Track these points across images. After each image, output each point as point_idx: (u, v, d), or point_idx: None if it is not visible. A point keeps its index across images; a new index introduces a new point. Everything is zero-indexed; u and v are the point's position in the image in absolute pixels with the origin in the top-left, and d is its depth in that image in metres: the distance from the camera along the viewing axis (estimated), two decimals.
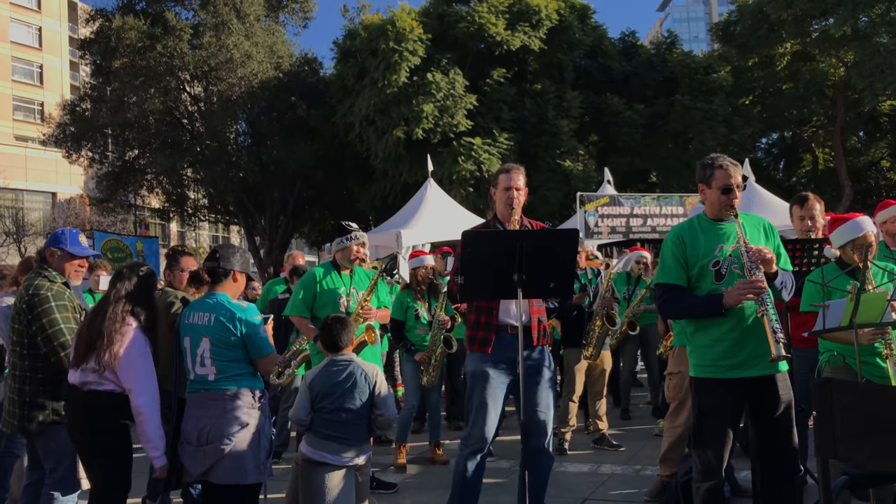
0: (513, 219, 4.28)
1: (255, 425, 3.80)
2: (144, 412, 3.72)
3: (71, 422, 3.86)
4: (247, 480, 3.76)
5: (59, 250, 4.30)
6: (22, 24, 44.80)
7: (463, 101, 22.78)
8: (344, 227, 5.18)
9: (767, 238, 3.75)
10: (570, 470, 6.09)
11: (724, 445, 3.56)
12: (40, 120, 38.68)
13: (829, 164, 31.28)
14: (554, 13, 24.19)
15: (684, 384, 5.01)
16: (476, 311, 4.30)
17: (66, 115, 27.37)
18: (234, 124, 27.41)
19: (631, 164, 25.45)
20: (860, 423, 2.36)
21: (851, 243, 4.21)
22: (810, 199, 4.99)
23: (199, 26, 25.27)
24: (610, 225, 14.14)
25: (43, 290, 4.14)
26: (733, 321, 3.54)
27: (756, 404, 3.62)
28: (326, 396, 3.94)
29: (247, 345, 3.83)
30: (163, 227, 41.39)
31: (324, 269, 5.20)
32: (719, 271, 3.60)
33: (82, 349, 3.78)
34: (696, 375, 3.67)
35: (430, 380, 6.52)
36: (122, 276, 3.94)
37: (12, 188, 34.97)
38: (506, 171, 4.38)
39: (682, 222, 3.89)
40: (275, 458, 6.59)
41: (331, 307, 4.94)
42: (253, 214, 27.55)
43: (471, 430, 4.23)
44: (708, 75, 26.17)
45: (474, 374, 4.26)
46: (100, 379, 3.74)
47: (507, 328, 4.21)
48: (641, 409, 8.72)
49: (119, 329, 3.75)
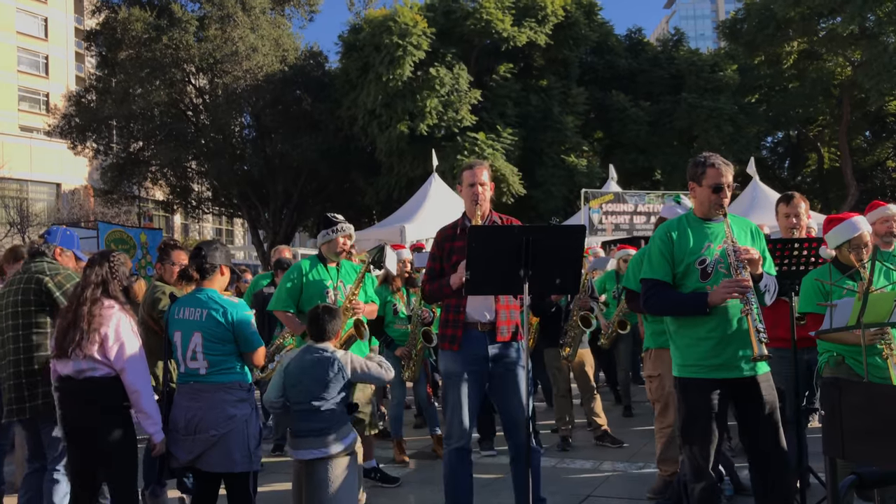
0: (477, 214, 4.24)
1: (243, 416, 3.90)
2: (139, 388, 3.79)
3: (75, 412, 3.85)
4: (235, 469, 3.87)
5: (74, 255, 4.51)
6: (28, 15, 44.81)
7: (468, 96, 22.76)
8: (329, 219, 5.07)
9: (754, 241, 3.75)
10: (573, 467, 6.08)
11: (710, 444, 3.57)
12: (45, 111, 38.68)
13: (835, 163, 31.22)
14: (560, 9, 24.16)
15: (664, 386, 5.00)
16: (445, 309, 4.30)
17: (71, 106, 27.40)
18: (239, 117, 27.43)
19: (635, 162, 25.44)
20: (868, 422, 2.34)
21: (847, 243, 4.20)
22: (796, 197, 4.99)
23: (205, 18, 25.27)
24: (614, 222, 14.13)
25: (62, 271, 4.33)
26: (717, 320, 3.54)
27: (740, 406, 3.64)
28: (299, 383, 3.99)
29: (237, 339, 3.93)
30: (167, 220, 41.47)
31: (310, 261, 5.10)
32: (705, 270, 3.60)
33: (61, 337, 3.82)
34: (680, 375, 3.67)
35: (412, 374, 6.51)
36: (94, 262, 4.00)
37: (17, 178, 34.98)
38: (469, 167, 4.33)
39: (671, 219, 3.89)
40: (276, 451, 6.63)
41: (317, 300, 4.82)
42: (257, 207, 27.58)
43: (449, 429, 4.23)
44: (714, 73, 26.14)
45: (445, 372, 4.28)
46: (94, 364, 3.78)
47: (477, 325, 4.19)
48: (644, 407, 8.69)
49: (98, 312, 3.80)
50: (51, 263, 4.37)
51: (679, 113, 25.45)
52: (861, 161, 31.24)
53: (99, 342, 3.76)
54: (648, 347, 5.15)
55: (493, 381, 4.23)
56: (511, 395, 4.17)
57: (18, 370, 4.21)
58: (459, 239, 4.25)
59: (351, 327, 4.82)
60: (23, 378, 4.20)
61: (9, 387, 4.22)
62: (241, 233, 50.58)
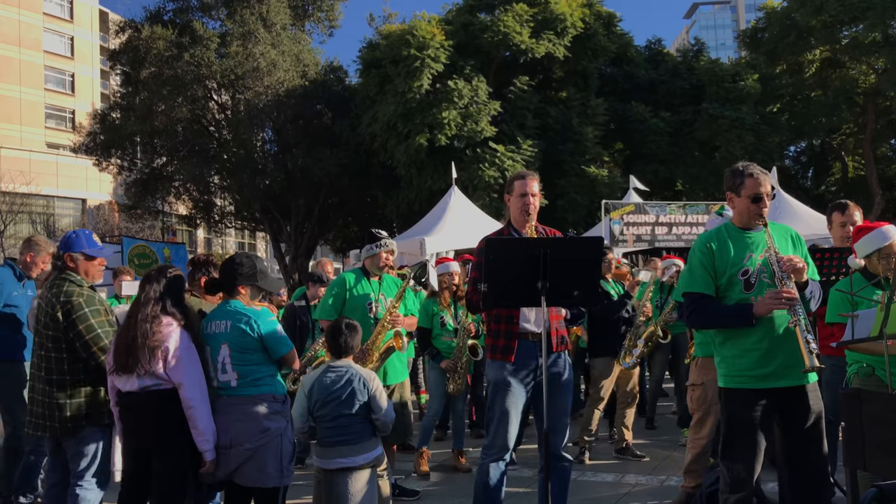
0: (528, 225, 4.25)
1: (277, 429, 3.87)
2: (195, 405, 3.79)
3: (137, 427, 3.89)
4: (269, 483, 3.85)
5: (82, 255, 4.39)
6: (55, 34, 45.63)
7: (487, 108, 22.80)
8: (374, 234, 5.24)
9: (795, 247, 3.70)
10: (594, 480, 6.05)
11: (754, 457, 3.50)
12: (71, 128, 39.32)
13: (860, 172, 30.82)
14: (579, 21, 24.13)
15: (707, 396, 4.95)
16: (496, 319, 4.28)
17: (96, 123, 27.82)
18: (261, 132, 27.67)
19: (656, 172, 25.28)
20: (890, 434, 2.31)
21: (878, 252, 4.14)
22: (850, 206, 4.96)
23: (226, 35, 25.57)
24: (635, 233, 14.06)
25: (74, 296, 4.22)
26: (763, 331, 3.49)
27: (786, 415, 3.57)
28: (325, 405, 4.00)
29: (266, 346, 3.92)
30: (190, 234, 41.86)
31: (354, 275, 5.25)
32: (748, 280, 3.55)
33: (121, 354, 3.84)
34: (726, 386, 3.62)
35: (457, 387, 6.51)
36: (151, 278, 4.02)
37: (44, 194, 35.53)
38: (521, 177, 4.33)
39: (710, 230, 3.84)
40: (298, 464, 6.64)
41: (360, 313, 4.99)
42: (279, 221, 27.76)
43: (493, 439, 4.22)
44: (735, 83, 25.93)
45: (496, 382, 4.24)
46: (158, 381, 3.82)
47: (529, 336, 4.20)
48: (667, 419, 8.63)
49: (155, 328, 3.82)
50: (70, 285, 4.28)
51: (700, 123, 25.28)
52: (886, 169, 30.78)
53: (162, 359, 3.79)
54: (696, 356, 5.11)
55: (536, 391, 4.20)
56: (555, 402, 4.14)
57: (51, 389, 4.21)
58: None
59: (391, 338, 4.93)
60: (53, 396, 4.20)
61: (39, 402, 4.25)
62: (263, 246, 50.88)
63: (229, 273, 4.06)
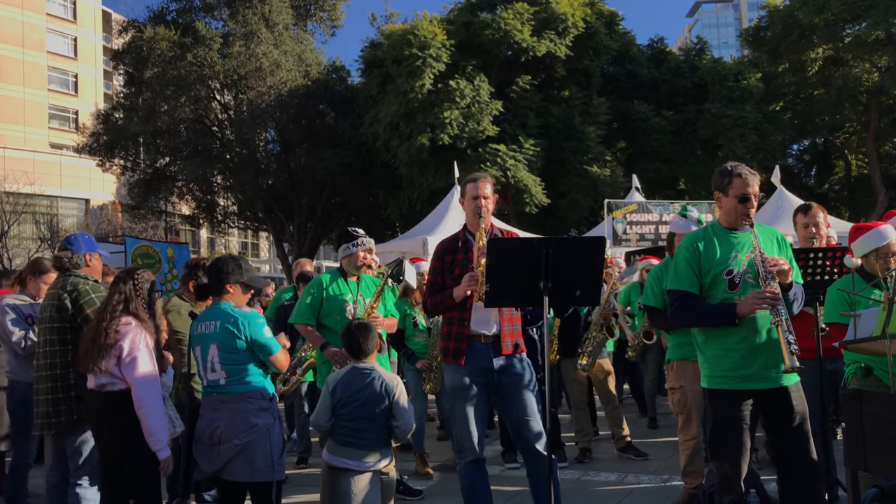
0: (481, 227, 4.22)
1: (265, 425, 3.94)
2: (144, 405, 3.86)
3: (97, 426, 3.95)
4: (258, 478, 3.92)
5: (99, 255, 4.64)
6: (58, 35, 45.68)
7: (489, 107, 22.80)
8: (350, 233, 5.11)
9: (781, 250, 3.72)
10: (597, 480, 6.04)
11: (740, 456, 3.53)
12: (75, 128, 39.39)
13: (863, 170, 30.76)
14: (580, 20, 24.11)
15: (686, 398, 4.97)
16: (448, 321, 4.27)
17: (99, 124, 27.89)
18: (264, 132, 27.71)
19: (659, 171, 25.27)
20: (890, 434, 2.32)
21: (875, 252, 4.14)
22: (813, 207, 4.98)
23: (229, 36, 25.61)
24: (638, 232, 14.04)
25: (80, 284, 4.39)
26: (745, 331, 3.51)
27: (771, 417, 3.60)
28: (347, 404, 4.01)
29: (253, 347, 3.98)
30: (193, 234, 41.88)
31: (330, 275, 5.13)
32: (733, 280, 3.57)
33: (82, 353, 3.93)
34: (710, 387, 3.64)
35: (433, 387, 6.48)
36: (119, 279, 4.13)
37: (47, 195, 35.57)
38: (473, 180, 4.31)
39: (697, 230, 3.87)
40: (301, 463, 6.66)
41: (337, 314, 4.91)
42: (281, 221, 27.81)
43: (460, 443, 4.21)
44: (738, 82, 25.89)
45: (452, 386, 4.23)
46: (113, 379, 3.89)
47: (480, 337, 4.17)
48: (669, 418, 8.60)
49: (111, 328, 3.90)
50: (76, 278, 4.44)
51: (702, 122, 25.26)
52: (890, 168, 30.72)
53: (116, 357, 3.85)
54: (670, 359, 5.12)
55: (500, 395, 4.20)
56: (519, 410, 4.14)
57: (55, 385, 4.29)
58: (461, 252, 4.25)
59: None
60: (59, 393, 4.29)
61: (44, 401, 4.31)
62: (266, 246, 51.00)
63: (215, 275, 4.13)
